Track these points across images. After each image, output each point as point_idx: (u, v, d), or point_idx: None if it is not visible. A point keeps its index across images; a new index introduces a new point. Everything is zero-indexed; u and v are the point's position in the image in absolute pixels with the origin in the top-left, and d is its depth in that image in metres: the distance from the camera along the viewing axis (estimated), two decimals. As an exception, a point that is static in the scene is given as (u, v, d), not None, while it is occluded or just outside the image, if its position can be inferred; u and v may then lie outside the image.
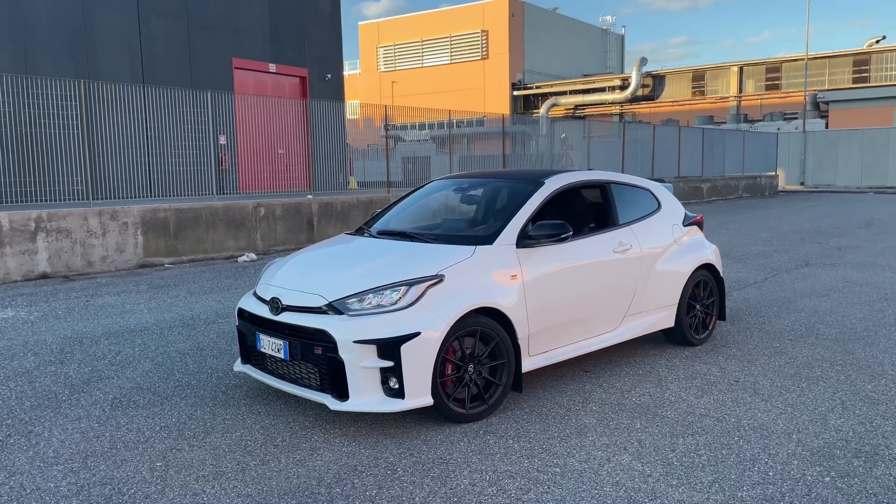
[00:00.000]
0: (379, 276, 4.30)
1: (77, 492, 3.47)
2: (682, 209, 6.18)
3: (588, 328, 5.15)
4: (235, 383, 5.12)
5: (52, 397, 4.86)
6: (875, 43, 45.13)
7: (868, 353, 5.75)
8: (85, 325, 7.03)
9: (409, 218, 5.65)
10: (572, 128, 25.77)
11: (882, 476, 3.56)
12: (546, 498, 3.38)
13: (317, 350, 4.12)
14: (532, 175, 5.41)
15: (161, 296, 8.56)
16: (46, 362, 5.70)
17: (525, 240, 4.73)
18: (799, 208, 22.47)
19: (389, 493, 3.44)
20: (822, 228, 15.86)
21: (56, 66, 14.11)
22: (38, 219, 9.97)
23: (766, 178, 31.66)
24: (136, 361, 5.71)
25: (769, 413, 4.44)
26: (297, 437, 4.13)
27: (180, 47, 16.54)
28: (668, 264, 5.73)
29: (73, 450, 3.98)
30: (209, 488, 3.50)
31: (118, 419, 4.44)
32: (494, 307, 4.40)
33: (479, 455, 3.87)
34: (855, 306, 7.52)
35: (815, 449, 3.90)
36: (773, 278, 9.32)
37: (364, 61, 53.95)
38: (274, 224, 12.86)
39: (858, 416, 4.37)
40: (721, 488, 3.45)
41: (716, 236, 14.39)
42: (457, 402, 4.28)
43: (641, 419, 4.38)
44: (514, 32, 47.28)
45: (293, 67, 19.33)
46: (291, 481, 3.57)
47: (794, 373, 5.26)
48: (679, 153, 26.01)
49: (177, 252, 11.51)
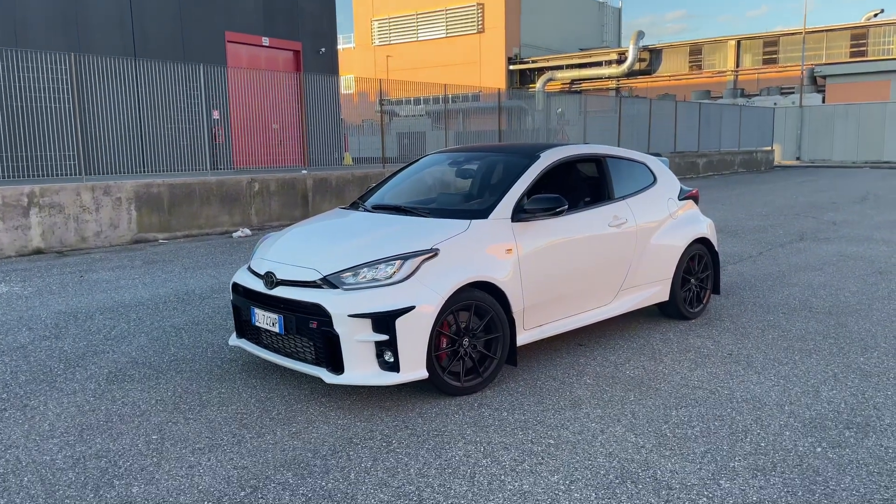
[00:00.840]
0: (373, 250, 4.29)
1: (73, 465, 3.48)
2: (677, 183, 6.17)
3: (583, 302, 5.15)
4: (231, 357, 5.13)
5: (47, 371, 4.86)
6: (873, 16, 44.79)
7: (861, 326, 5.78)
8: (79, 300, 7.01)
9: (404, 192, 5.63)
10: (568, 102, 25.63)
11: (873, 446, 3.59)
12: (540, 469, 3.40)
13: (312, 324, 4.12)
14: (527, 149, 5.39)
15: (155, 271, 8.54)
16: (41, 337, 5.70)
17: (520, 214, 4.72)
18: (795, 183, 22.47)
19: (384, 465, 3.46)
20: (817, 203, 15.87)
21: (47, 41, 13.93)
22: (30, 194, 9.91)
23: (763, 153, 31.61)
24: (131, 336, 5.71)
25: (762, 385, 4.47)
26: (292, 410, 4.15)
27: (172, 21, 16.33)
28: (663, 238, 5.72)
29: (68, 423, 3.99)
30: (205, 460, 3.51)
31: (113, 393, 4.44)
32: (489, 281, 4.39)
33: (474, 427, 3.89)
34: (849, 280, 7.55)
35: (807, 420, 3.93)
36: (768, 252, 9.34)
37: (358, 35, 53.39)
38: (268, 199, 12.81)
39: (850, 388, 4.41)
40: (713, 459, 3.48)
41: (711, 211, 14.39)
42: (452, 376, 4.29)
43: (635, 392, 4.40)
44: (510, 6, 46.76)
45: (287, 41, 19.14)
46: (287, 453, 3.59)
47: (788, 346, 5.29)
48: (675, 128, 25.91)
49: (171, 227, 11.47)
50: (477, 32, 47.79)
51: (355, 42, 53.78)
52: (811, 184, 22.04)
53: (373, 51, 52.04)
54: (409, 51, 50.32)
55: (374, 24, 51.84)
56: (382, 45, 51.59)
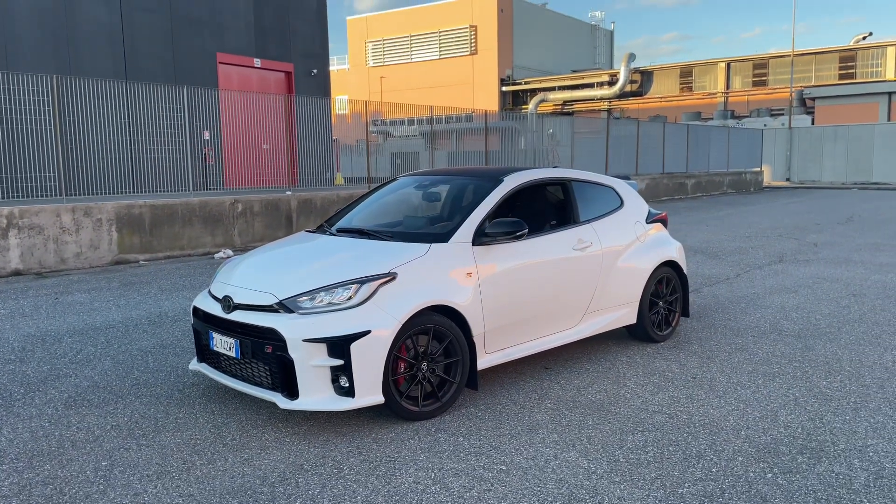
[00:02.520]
0: (331, 274, 4.29)
1: (18, 491, 3.45)
2: (645, 206, 6.19)
3: (547, 325, 5.15)
4: (192, 381, 5.11)
5: (7, 396, 4.83)
6: (862, 39, 45.29)
7: (828, 350, 5.79)
8: (50, 322, 6.99)
9: (370, 215, 5.64)
10: (560, 124, 25.77)
11: (824, 472, 3.58)
12: (488, 496, 3.38)
13: (267, 349, 4.11)
14: (492, 173, 5.41)
15: (131, 293, 8.52)
16: (5, 360, 5.67)
17: (481, 237, 4.73)
18: (782, 204, 22.57)
19: (332, 493, 3.44)
20: (801, 224, 15.93)
21: (37, 62, 14.00)
22: (9, 215, 9.90)
23: (752, 174, 31.77)
24: (97, 359, 5.68)
25: (721, 409, 4.46)
26: (247, 436, 4.12)
27: (163, 42, 16.43)
28: (630, 261, 5.74)
29: (20, 449, 3.95)
30: (151, 488, 3.49)
31: (70, 418, 4.42)
32: (448, 305, 4.39)
33: (428, 453, 3.87)
34: (822, 302, 7.56)
35: (761, 445, 3.92)
36: (746, 274, 9.36)
37: (353, 56, 53.76)
38: (252, 220, 12.82)
39: (809, 413, 4.40)
40: (663, 485, 3.47)
41: (695, 232, 14.44)
42: (410, 400, 4.28)
43: (594, 416, 4.39)
44: (502, 28, 47.18)
45: (278, 62, 19.25)
46: (235, 480, 3.56)
47: (752, 369, 5.29)
48: (663, 149, 26.05)
49: (152, 248, 11.46)
50: (470, 54, 48.16)
51: (350, 63, 54.15)
52: (798, 205, 22.14)
53: (367, 72, 52.38)
54: (403, 72, 50.67)
55: (368, 46, 52.23)
56: (377, 66, 51.95)
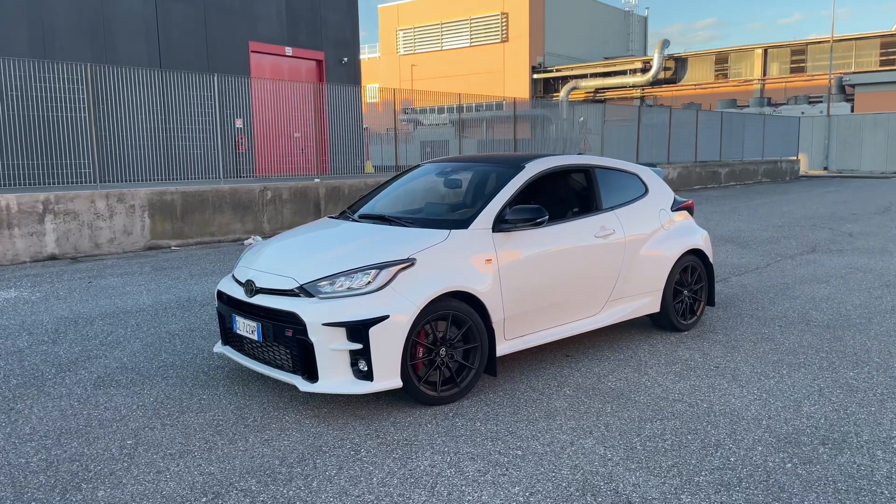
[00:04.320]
0: (351, 259, 4.33)
1: (45, 468, 3.56)
2: (670, 194, 6.13)
3: (567, 313, 5.14)
4: (217, 364, 5.20)
5: (39, 376, 4.97)
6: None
7: (857, 341, 5.68)
8: (83, 305, 7.16)
9: (392, 202, 5.67)
10: (591, 111, 25.53)
11: (845, 463, 3.53)
12: (502, 480, 3.40)
13: (287, 332, 4.17)
14: (514, 159, 5.39)
15: (162, 278, 8.69)
16: (39, 342, 5.83)
17: (501, 224, 4.73)
18: (818, 194, 22.12)
19: (349, 474, 3.48)
20: (836, 214, 15.61)
21: (74, 52, 14.27)
22: (45, 201, 10.15)
23: (787, 163, 31.16)
24: (126, 342, 5.81)
25: (743, 399, 4.42)
26: (268, 418, 4.19)
27: (197, 31, 16.63)
28: (654, 249, 5.69)
29: (49, 427, 4.07)
30: (173, 466, 3.57)
31: (98, 398, 4.53)
32: (467, 291, 4.40)
33: (445, 437, 3.90)
34: (854, 293, 7.42)
35: (782, 435, 3.87)
36: (776, 264, 9.21)
37: (384, 44, 53.81)
38: (280, 207, 12.95)
39: (833, 404, 4.33)
40: (679, 472, 3.45)
41: (726, 222, 14.24)
42: (428, 385, 4.31)
43: (613, 404, 4.37)
44: (534, 14, 46.79)
45: (310, 51, 19.37)
46: (255, 460, 3.63)
47: (778, 359, 5.22)
48: (696, 137, 25.67)
49: (183, 235, 11.65)
50: (501, 41, 47.87)
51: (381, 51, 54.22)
52: (834, 194, 21.68)
53: (398, 60, 52.41)
54: (434, 60, 50.58)
55: (399, 34, 52.22)
56: (407, 55, 51.93)
